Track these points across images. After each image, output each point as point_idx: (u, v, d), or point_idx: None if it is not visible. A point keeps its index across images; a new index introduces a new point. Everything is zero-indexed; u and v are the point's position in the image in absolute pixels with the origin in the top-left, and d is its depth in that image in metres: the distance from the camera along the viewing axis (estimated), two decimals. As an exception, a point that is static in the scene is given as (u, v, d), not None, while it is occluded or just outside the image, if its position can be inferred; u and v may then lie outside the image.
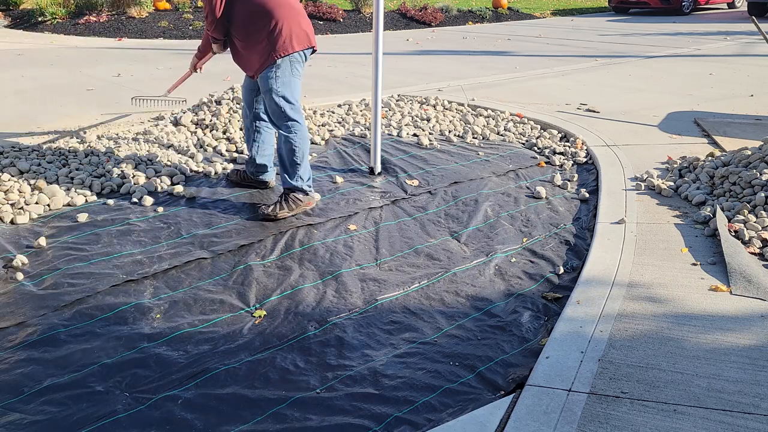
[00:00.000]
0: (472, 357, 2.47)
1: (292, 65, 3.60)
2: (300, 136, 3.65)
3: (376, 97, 4.34)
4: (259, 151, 4.00)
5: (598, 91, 7.15)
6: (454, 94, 6.83)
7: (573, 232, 3.61)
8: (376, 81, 4.29)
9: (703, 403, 2.08)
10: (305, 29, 3.64)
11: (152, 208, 3.78)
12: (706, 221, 3.52)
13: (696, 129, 5.50)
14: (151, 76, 7.73)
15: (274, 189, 4.14)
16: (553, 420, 2.01)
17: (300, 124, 3.66)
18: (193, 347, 2.50)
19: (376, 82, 4.29)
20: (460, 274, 3.13)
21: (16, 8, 13.48)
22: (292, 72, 3.61)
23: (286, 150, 3.65)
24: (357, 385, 2.31)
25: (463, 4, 17.79)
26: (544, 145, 5.13)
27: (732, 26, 14.17)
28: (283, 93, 3.59)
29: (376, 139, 4.43)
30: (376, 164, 4.48)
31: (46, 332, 2.56)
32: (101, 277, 2.99)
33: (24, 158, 4.33)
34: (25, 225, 3.54)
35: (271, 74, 3.56)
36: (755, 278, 2.84)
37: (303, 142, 3.66)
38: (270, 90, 3.58)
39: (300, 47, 3.59)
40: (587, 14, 18.37)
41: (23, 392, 2.22)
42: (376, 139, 4.43)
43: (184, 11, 13.22)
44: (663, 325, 2.53)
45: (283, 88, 3.59)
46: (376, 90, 4.32)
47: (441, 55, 10.03)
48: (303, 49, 3.62)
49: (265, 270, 3.12)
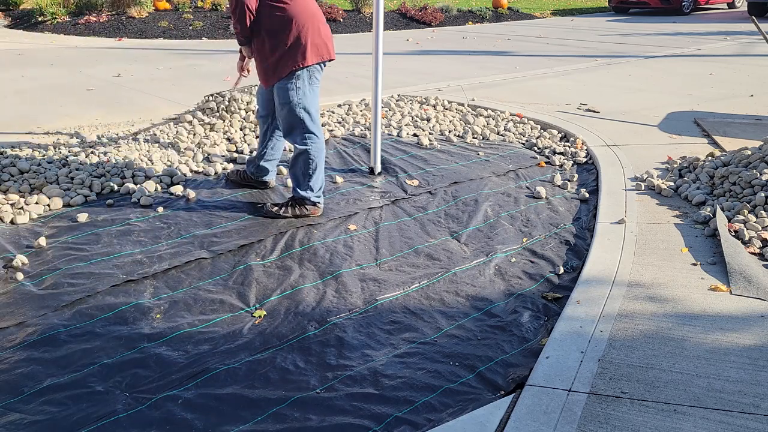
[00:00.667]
0: (472, 357, 2.47)
1: (311, 75, 3.52)
2: (316, 148, 3.60)
3: (376, 97, 4.34)
4: (266, 156, 3.97)
5: (598, 91, 7.15)
6: (454, 94, 6.83)
7: (573, 232, 3.61)
8: (376, 81, 4.28)
9: (703, 403, 2.08)
10: (325, 39, 3.56)
11: (152, 208, 3.78)
12: (706, 221, 3.52)
13: (696, 129, 5.50)
14: (151, 76, 7.73)
15: (274, 189, 4.14)
16: (553, 420, 2.01)
17: (317, 136, 3.59)
18: (193, 347, 2.50)
19: (376, 82, 4.29)
20: (460, 274, 3.13)
21: (16, 8, 13.48)
22: (311, 82, 3.53)
23: (301, 162, 3.62)
24: (357, 385, 2.31)
25: (463, 4, 17.79)
26: (544, 145, 5.13)
27: (732, 26, 14.17)
28: (304, 104, 3.51)
29: (376, 139, 4.43)
30: (376, 164, 4.48)
31: (46, 332, 2.56)
32: (101, 277, 2.99)
33: (24, 158, 4.33)
34: (25, 225, 3.54)
35: (290, 85, 3.47)
36: (755, 278, 2.84)
37: (318, 155, 3.62)
38: (289, 102, 3.49)
39: (319, 59, 3.52)
40: (587, 14, 18.36)
41: (23, 392, 2.22)
42: (376, 139, 4.43)
43: (184, 11, 13.22)
44: (663, 325, 2.54)
45: (303, 99, 3.51)
46: (376, 90, 4.32)
47: (441, 55, 10.03)
48: (322, 61, 3.55)
49: (265, 270, 3.12)
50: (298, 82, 3.48)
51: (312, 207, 3.70)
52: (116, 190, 4.03)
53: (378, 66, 4.24)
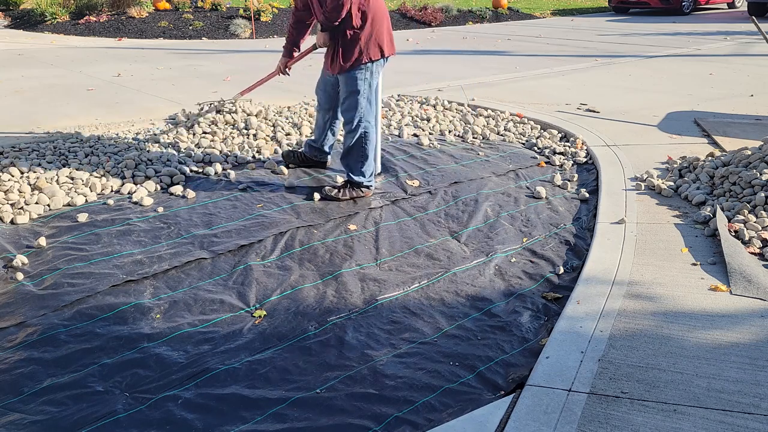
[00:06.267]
0: (472, 357, 2.47)
1: (376, 68, 3.85)
2: (371, 136, 3.93)
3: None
4: (326, 142, 4.38)
5: (598, 91, 7.15)
6: (454, 94, 6.83)
7: (573, 232, 3.61)
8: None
9: (703, 403, 2.08)
10: (391, 36, 3.89)
11: (152, 208, 3.78)
12: (706, 221, 3.52)
13: (696, 129, 5.50)
14: (151, 76, 7.73)
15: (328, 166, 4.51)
16: (553, 420, 2.01)
17: (372, 125, 3.92)
18: (193, 347, 2.50)
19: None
20: (460, 274, 3.13)
21: (17, 8, 13.49)
22: (375, 75, 3.86)
23: (356, 148, 3.93)
24: (357, 385, 2.31)
25: (463, 4, 17.78)
26: (544, 145, 5.13)
27: (732, 26, 14.17)
28: (368, 95, 3.85)
29: (376, 139, 4.42)
30: (376, 164, 4.47)
31: (46, 332, 2.56)
32: (101, 277, 2.99)
33: (24, 158, 4.33)
34: (25, 225, 3.54)
35: (360, 75, 3.78)
36: (755, 278, 2.84)
37: (372, 142, 3.96)
38: (356, 91, 3.80)
39: (388, 53, 3.85)
40: (587, 14, 18.36)
41: (23, 392, 2.22)
42: (376, 139, 4.42)
43: (184, 11, 13.22)
44: (663, 325, 2.54)
45: (369, 90, 3.84)
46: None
47: (441, 55, 10.03)
48: (389, 56, 3.87)
49: (265, 270, 3.12)
50: (366, 74, 3.80)
51: (365, 189, 4.03)
52: (116, 190, 4.03)
53: (378, 66, 4.23)
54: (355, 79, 3.78)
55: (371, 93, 3.87)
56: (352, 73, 3.78)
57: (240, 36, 12.08)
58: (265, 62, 3.77)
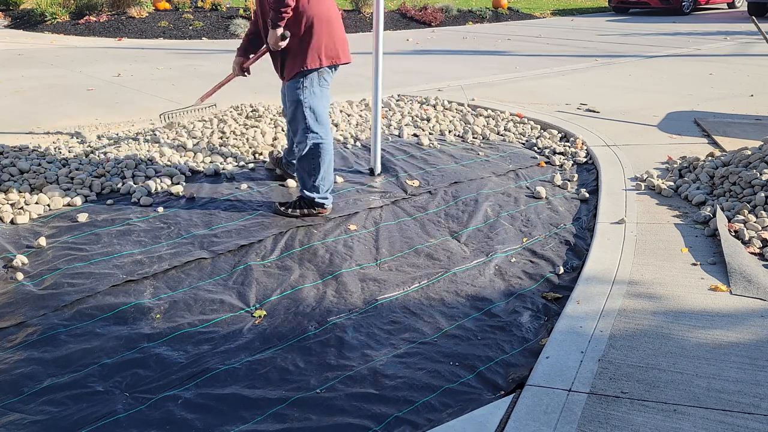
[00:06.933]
0: (472, 357, 2.47)
1: (320, 77, 3.56)
2: (321, 148, 3.61)
3: (376, 97, 4.34)
4: (291, 157, 4.11)
5: (597, 91, 7.15)
6: (454, 94, 6.83)
7: (573, 232, 3.61)
8: (376, 81, 4.28)
9: (703, 403, 2.08)
10: (336, 42, 3.56)
11: (152, 208, 3.78)
12: (706, 221, 3.52)
13: (696, 129, 5.50)
14: (151, 76, 7.73)
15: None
16: (553, 420, 2.01)
17: (321, 137, 3.60)
18: (193, 347, 2.50)
19: (376, 82, 4.29)
20: (460, 274, 3.13)
21: (17, 8, 13.48)
22: (320, 83, 3.57)
23: (305, 161, 3.64)
24: (357, 385, 2.31)
25: (463, 4, 17.78)
26: (544, 145, 5.13)
27: (732, 26, 14.17)
28: (310, 104, 3.55)
29: (376, 139, 4.43)
30: (376, 164, 4.48)
31: (46, 332, 2.56)
32: (101, 277, 2.99)
33: (24, 158, 4.33)
34: (25, 225, 3.54)
35: (299, 84, 3.52)
36: (755, 278, 2.85)
37: (324, 155, 3.63)
38: (297, 101, 3.54)
39: (329, 62, 3.53)
40: (587, 14, 18.36)
41: (23, 392, 2.22)
42: (376, 139, 4.43)
43: (184, 11, 13.22)
44: (663, 325, 2.54)
45: (310, 98, 3.54)
46: (376, 90, 4.32)
47: (441, 55, 10.03)
48: (332, 65, 3.57)
49: (265, 270, 3.12)
50: (306, 82, 3.51)
51: (319, 208, 3.73)
52: (116, 190, 4.03)
53: (378, 66, 4.24)
54: (295, 89, 3.52)
55: (314, 101, 3.55)
56: (292, 83, 3.53)
57: (240, 36, 12.07)
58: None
